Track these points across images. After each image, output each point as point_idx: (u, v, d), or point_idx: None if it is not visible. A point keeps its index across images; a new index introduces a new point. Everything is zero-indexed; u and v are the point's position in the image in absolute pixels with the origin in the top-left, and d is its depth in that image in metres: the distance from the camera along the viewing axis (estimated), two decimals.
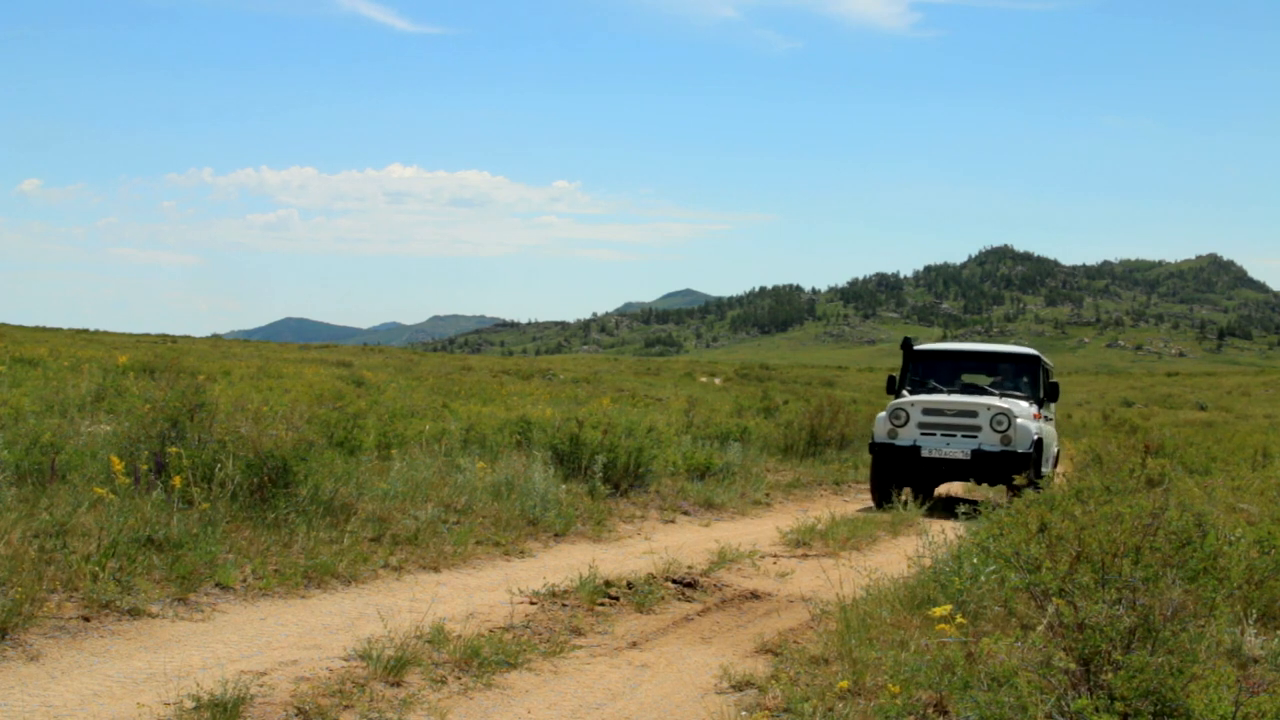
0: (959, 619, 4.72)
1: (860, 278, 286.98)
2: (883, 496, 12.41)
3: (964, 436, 12.18)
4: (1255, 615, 5.26)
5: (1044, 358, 13.93)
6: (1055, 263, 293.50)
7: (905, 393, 13.30)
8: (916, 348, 13.96)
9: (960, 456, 12.08)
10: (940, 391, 13.34)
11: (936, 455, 12.19)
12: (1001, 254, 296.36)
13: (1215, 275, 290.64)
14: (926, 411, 12.41)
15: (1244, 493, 9.29)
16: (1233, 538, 6.21)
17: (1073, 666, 3.83)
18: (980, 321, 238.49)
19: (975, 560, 6.14)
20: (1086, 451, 16.28)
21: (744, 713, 4.55)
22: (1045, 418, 13.43)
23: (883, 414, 12.72)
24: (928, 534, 7.77)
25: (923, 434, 12.32)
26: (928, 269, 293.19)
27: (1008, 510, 7.83)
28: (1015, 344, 13.91)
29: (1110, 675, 3.68)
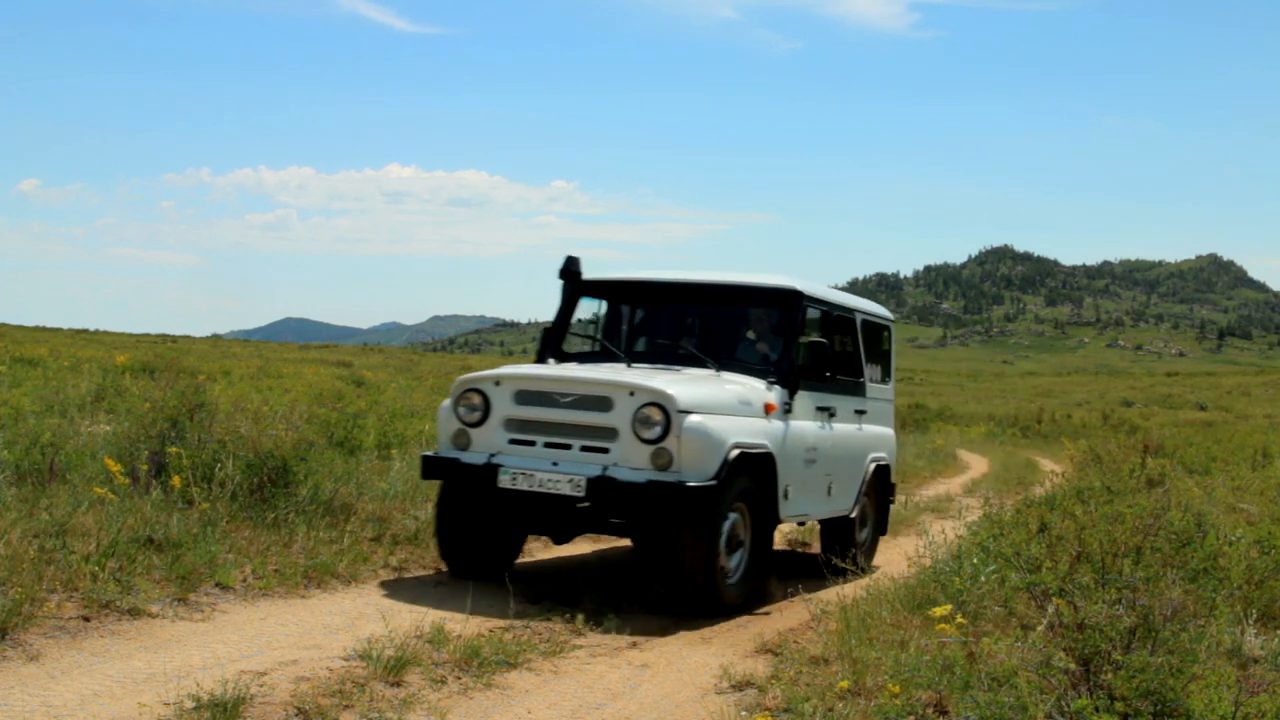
0: (959, 619, 4.72)
1: (860, 278, 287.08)
2: (457, 555, 6.83)
3: (584, 449, 6.31)
4: (1255, 615, 5.26)
5: (819, 294, 7.68)
6: (1055, 263, 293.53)
7: (551, 359, 7.66)
8: (590, 276, 7.90)
9: (567, 491, 6.17)
10: (613, 360, 7.42)
11: (526, 487, 6.26)
12: (1001, 254, 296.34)
13: (1215, 275, 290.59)
14: (523, 398, 6.50)
15: (1244, 493, 9.29)
16: (1233, 538, 6.21)
17: (1073, 666, 3.83)
18: (980, 321, 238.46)
19: (975, 560, 6.14)
20: (1086, 451, 16.27)
21: (744, 713, 4.55)
22: (826, 412, 7.58)
23: (447, 402, 6.76)
24: (928, 534, 7.77)
25: (513, 441, 6.49)
26: (928, 269, 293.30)
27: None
28: (772, 276, 7.65)
29: (1110, 675, 3.68)
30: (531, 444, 6.42)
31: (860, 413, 8.22)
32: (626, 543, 8.77)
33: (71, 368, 17.18)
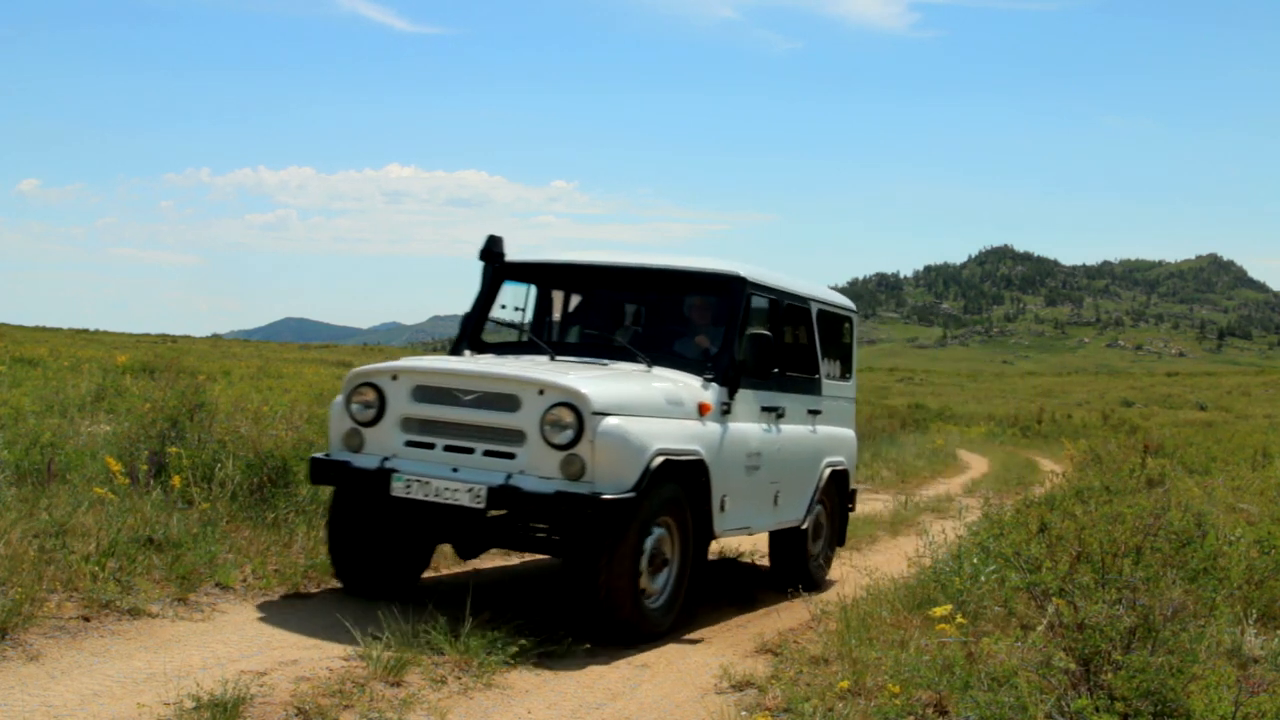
0: (959, 619, 4.73)
1: (860, 278, 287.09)
2: (352, 570, 6.10)
3: (488, 454, 5.59)
4: (1255, 615, 5.26)
5: (767, 281, 6.88)
6: (1055, 263, 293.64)
7: (467, 350, 6.87)
8: (514, 258, 7.12)
9: (466, 501, 5.46)
10: (537, 353, 6.64)
11: (421, 496, 5.56)
12: (1001, 254, 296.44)
13: (1215, 275, 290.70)
14: (422, 394, 5.79)
15: (1244, 493, 9.30)
16: (1233, 538, 6.22)
17: (1073, 666, 3.83)
18: (980, 321, 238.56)
19: (975, 560, 6.15)
20: (1086, 452, 16.28)
21: (744, 713, 4.55)
22: (772, 412, 6.81)
23: (339, 398, 6.02)
24: (928, 534, 7.78)
25: (410, 444, 5.76)
26: (928, 269, 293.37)
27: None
28: (715, 260, 6.80)
29: (1110, 675, 3.68)
30: (430, 447, 5.68)
31: (814, 413, 7.47)
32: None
33: (71, 368, 17.20)
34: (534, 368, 5.86)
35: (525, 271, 7.14)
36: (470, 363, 6.08)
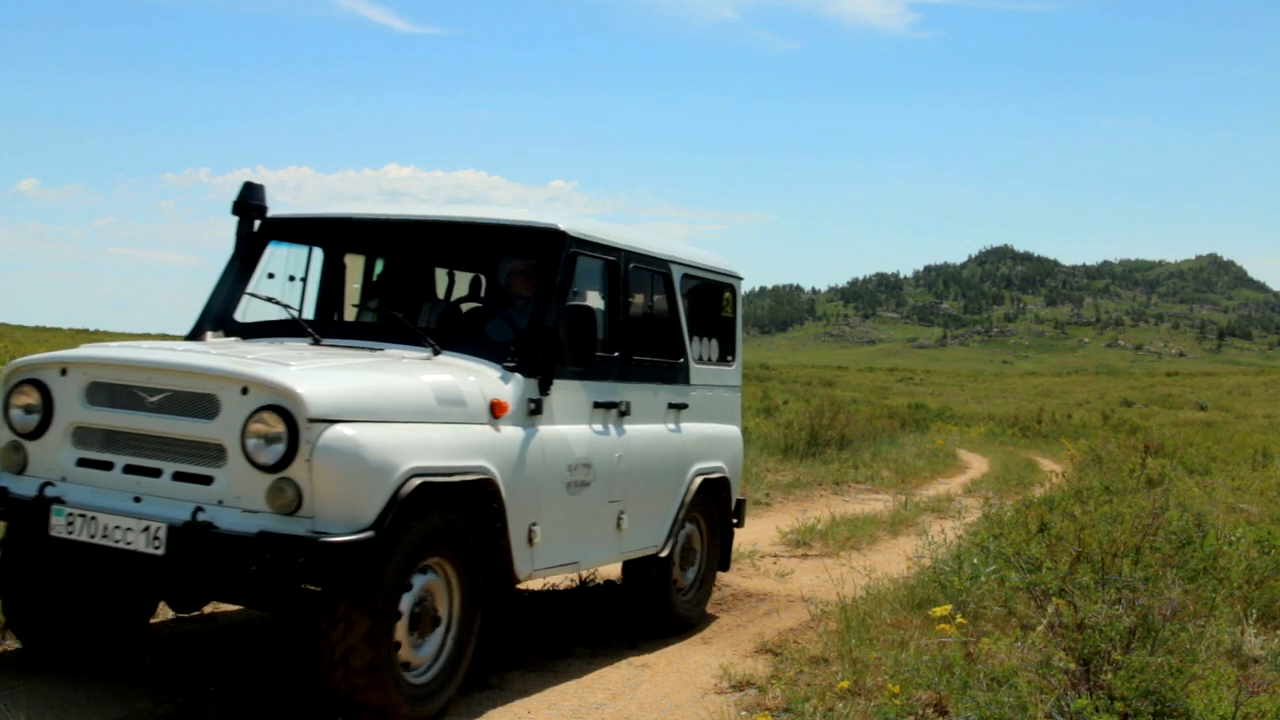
0: (959, 619, 4.73)
1: (860, 278, 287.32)
2: (30, 623, 4.58)
3: (178, 477, 4.07)
4: (1255, 615, 5.27)
5: (599, 236, 5.38)
6: (1055, 263, 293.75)
7: (210, 333, 5.32)
8: (280, 212, 5.60)
9: (142, 546, 3.92)
10: (298, 336, 5.14)
11: (87, 537, 4.01)
12: (1001, 254, 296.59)
13: (1215, 275, 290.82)
14: (98, 395, 4.25)
15: (1244, 493, 9.31)
16: (1233, 538, 6.22)
17: (1073, 666, 3.84)
18: (980, 321, 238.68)
19: (975, 560, 6.15)
20: (1086, 452, 16.28)
21: (744, 713, 4.55)
22: (611, 409, 5.37)
23: None
24: (928, 534, 7.78)
25: (82, 462, 4.23)
26: (928, 269, 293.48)
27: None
28: (532, 211, 5.26)
29: (1110, 675, 3.69)
30: (108, 467, 4.16)
31: (678, 407, 5.94)
32: None
33: None
34: (240, 356, 4.23)
35: (297, 230, 5.59)
36: (159, 350, 4.34)
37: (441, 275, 6.07)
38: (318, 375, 4.04)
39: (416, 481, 4.01)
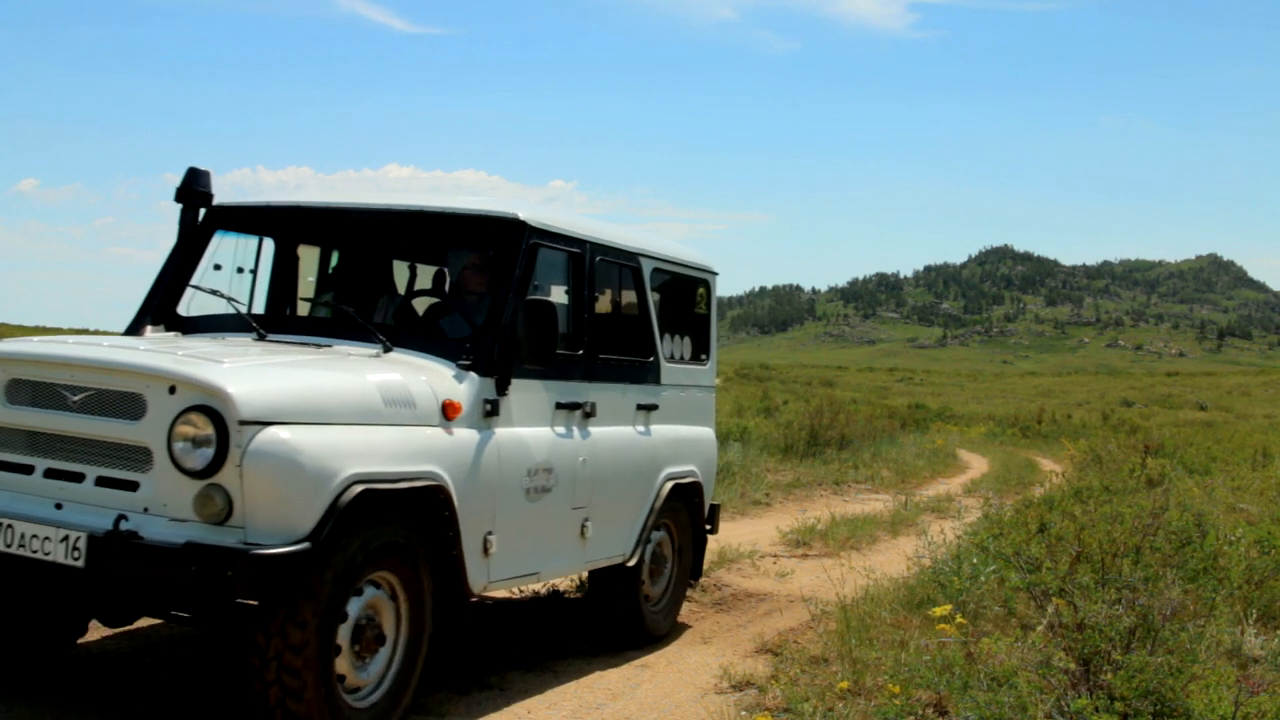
0: (959, 619, 4.73)
1: (860, 277, 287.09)
2: None
3: (102, 483, 3.81)
4: (1255, 615, 5.27)
5: (563, 227, 5.13)
6: (1055, 263, 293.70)
7: (149, 327, 5.04)
8: (228, 201, 5.32)
9: (61, 557, 3.68)
10: (242, 331, 4.86)
11: (5, 548, 3.77)
12: (1001, 254, 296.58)
13: (1215, 275, 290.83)
14: (17, 392, 4.03)
15: (1244, 493, 9.31)
16: (1233, 538, 6.22)
17: (1073, 666, 3.84)
18: (980, 321, 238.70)
19: (975, 560, 6.15)
20: (1086, 452, 16.28)
21: (744, 713, 4.55)
22: (575, 410, 5.13)
23: None
24: (928, 534, 7.78)
25: (2, 466, 4.00)
26: (928, 269, 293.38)
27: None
28: (491, 200, 4.98)
29: (1110, 675, 3.69)
30: (29, 471, 3.92)
31: (648, 408, 5.69)
32: None
33: None
34: (170, 353, 3.97)
35: (245, 219, 5.33)
36: (84, 346, 4.09)
37: (403, 269, 5.77)
38: (251, 373, 3.79)
39: (358, 488, 3.74)
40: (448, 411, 4.26)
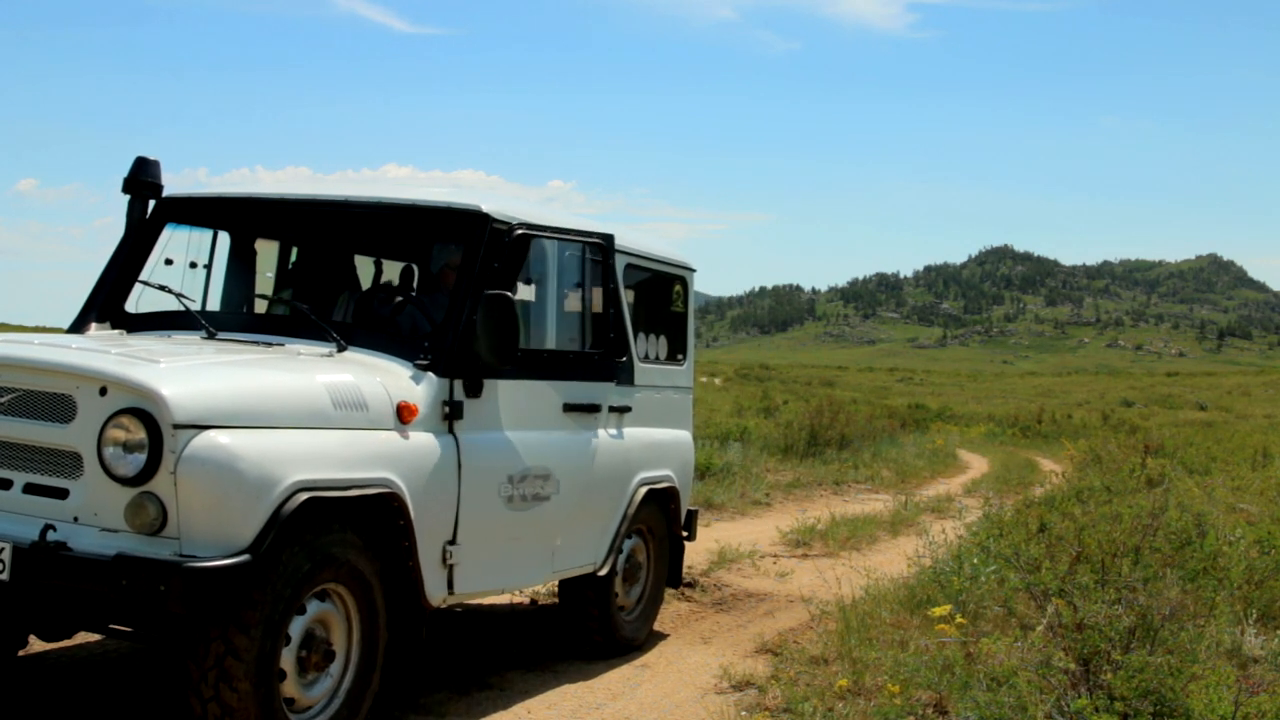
0: (959, 619, 4.73)
1: (860, 278, 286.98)
2: None
3: (30, 490, 3.61)
4: (1255, 615, 5.27)
5: (531, 220, 4.77)
6: (1055, 263, 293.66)
7: (94, 325, 4.78)
8: (180, 191, 5.09)
9: None
10: (190, 328, 4.64)
11: None
12: (1001, 254, 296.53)
13: (1215, 275, 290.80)
14: None
15: (1244, 493, 9.31)
16: (1233, 538, 6.22)
17: (1073, 666, 3.84)
18: (980, 321, 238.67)
19: (975, 560, 6.15)
20: (1086, 452, 16.28)
21: (744, 713, 4.55)
22: (549, 410, 4.94)
23: None
24: (928, 534, 7.78)
25: None
26: (928, 269, 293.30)
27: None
28: (454, 193, 4.68)
29: (1110, 675, 3.69)
30: None
31: (620, 410, 5.40)
32: None
33: None
34: (104, 352, 3.73)
35: (197, 212, 5.07)
36: (11, 343, 3.87)
37: (368, 264, 5.55)
38: (188, 374, 3.55)
39: (303, 496, 3.52)
40: (403, 414, 4.04)
